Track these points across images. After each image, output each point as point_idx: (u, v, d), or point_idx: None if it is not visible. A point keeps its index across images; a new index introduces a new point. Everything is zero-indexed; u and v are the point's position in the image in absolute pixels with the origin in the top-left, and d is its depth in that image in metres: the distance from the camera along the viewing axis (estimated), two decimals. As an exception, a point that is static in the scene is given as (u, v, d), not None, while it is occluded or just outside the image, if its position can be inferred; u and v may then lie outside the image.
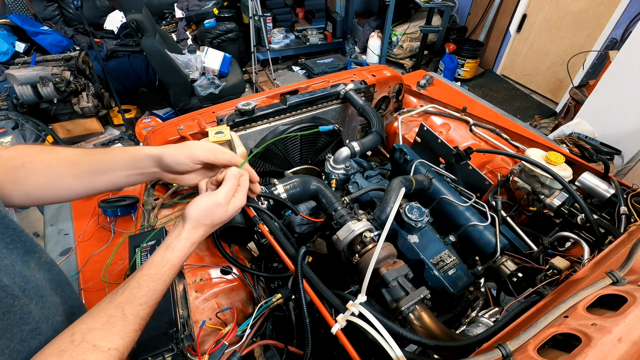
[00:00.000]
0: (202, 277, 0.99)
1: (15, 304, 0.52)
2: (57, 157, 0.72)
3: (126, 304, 0.59)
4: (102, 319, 0.57)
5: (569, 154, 1.33)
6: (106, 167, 0.75)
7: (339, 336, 0.71)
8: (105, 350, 0.54)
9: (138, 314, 0.59)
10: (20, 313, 0.53)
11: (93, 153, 0.75)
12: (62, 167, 0.72)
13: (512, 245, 1.18)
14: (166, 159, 0.76)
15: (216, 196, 0.73)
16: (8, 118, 2.86)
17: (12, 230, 0.58)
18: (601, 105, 2.93)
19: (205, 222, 0.72)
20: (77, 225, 1.20)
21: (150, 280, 0.63)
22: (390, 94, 1.84)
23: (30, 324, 0.55)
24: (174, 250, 0.67)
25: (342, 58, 4.82)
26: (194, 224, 0.71)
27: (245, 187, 0.80)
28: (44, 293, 0.60)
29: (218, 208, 0.73)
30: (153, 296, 0.62)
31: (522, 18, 4.39)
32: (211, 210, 0.72)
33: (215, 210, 0.73)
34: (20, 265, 0.57)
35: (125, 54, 3.84)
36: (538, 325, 0.61)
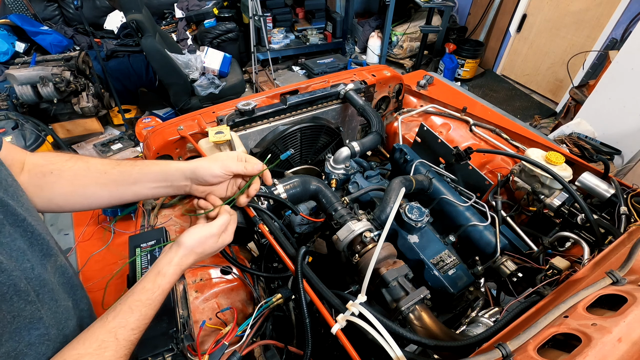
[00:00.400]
0: (202, 277, 0.99)
1: (26, 308, 0.53)
2: (86, 166, 0.75)
3: (119, 328, 0.60)
4: (94, 344, 0.57)
5: (569, 154, 1.33)
6: (135, 178, 0.78)
7: (339, 336, 0.71)
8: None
9: (129, 339, 0.60)
10: (30, 318, 0.54)
11: (122, 164, 0.78)
12: (90, 176, 0.75)
13: (512, 245, 1.18)
14: (200, 171, 0.80)
15: (210, 228, 0.76)
16: (8, 118, 2.86)
17: (31, 233, 0.58)
18: (601, 105, 2.93)
19: (197, 250, 0.75)
20: (77, 225, 1.20)
21: (142, 305, 0.64)
22: (390, 94, 1.84)
23: (40, 329, 0.55)
24: (165, 276, 0.69)
25: (342, 58, 4.82)
26: (186, 251, 0.73)
27: (233, 225, 0.83)
28: (58, 297, 0.61)
29: (211, 239, 0.76)
30: (144, 321, 0.64)
31: (522, 18, 4.39)
32: (204, 241, 0.76)
33: (208, 241, 0.76)
34: (39, 269, 0.58)
35: (125, 54, 3.84)
36: (538, 325, 0.61)
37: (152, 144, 1.34)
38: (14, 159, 0.68)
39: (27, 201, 0.62)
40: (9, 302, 0.51)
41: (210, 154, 1.26)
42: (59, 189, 0.72)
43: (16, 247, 0.55)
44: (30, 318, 0.54)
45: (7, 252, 0.53)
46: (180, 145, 1.37)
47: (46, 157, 0.73)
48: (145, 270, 0.88)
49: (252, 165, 0.85)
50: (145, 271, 0.86)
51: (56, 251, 0.65)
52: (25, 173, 0.70)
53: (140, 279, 0.69)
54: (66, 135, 3.37)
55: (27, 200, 0.63)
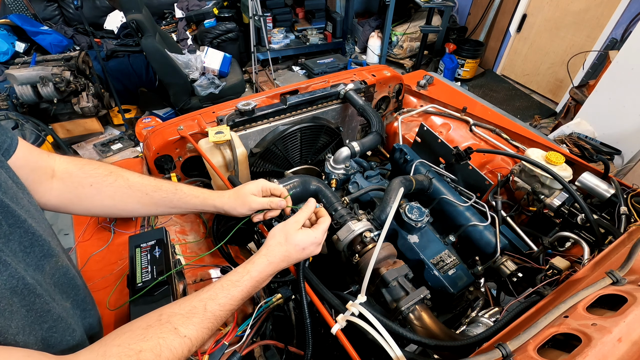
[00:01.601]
0: (202, 277, 0.99)
1: (36, 302, 0.55)
2: (127, 185, 0.80)
3: (209, 300, 0.64)
4: (186, 308, 0.61)
5: (569, 154, 1.33)
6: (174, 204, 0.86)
7: (339, 336, 0.71)
8: (182, 335, 0.57)
9: (214, 313, 0.63)
10: (40, 311, 0.56)
11: (163, 189, 0.84)
12: (132, 195, 0.80)
13: (512, 245, 1.18)
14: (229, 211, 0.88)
15: (316, 233, 0.78)
16: (8, 118, 2.86)
17: (32, 234, 0.59)
18: (601, 105, 2.93)
19: (296, 255, 0.76)
20: (77, 225, 1.19)
21: (231, 285, 0.68)
22: (390, 94, 1.84)
23: (49, 322, 0.57)
24: (254, 264, 0.72)
25: (342, 58, 4.81)
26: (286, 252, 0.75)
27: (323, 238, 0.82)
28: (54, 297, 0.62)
29: (312, 246, 0.78)
30: (231, 300, 0.66)
31: (522, 18, 4.39)
32: (307, 246, 0.77)
33: (310, 247, 0.77)
34: (32, 270, 0.59)
35: (125, 54, 3.84)
36: (538, 325, 0.61)
37: (152, 144, 1.34)
38: (39, 163, 0.70)
39: (28, 203, 0.62)
40: (20, 295, 0.53)
41: (211, 155, 1.26)
42: (99, 202, 0.78)
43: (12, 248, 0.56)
44: (40, 312, 0.56)
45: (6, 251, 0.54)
46: (180, 145, 1.37)
47: (83, 169, 0.76)
48: (145, 270, 0.88)
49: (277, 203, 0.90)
50: (145, 271, 0.86)
51: (58, 252, 0.65)
52: (58, 180, 0.73)
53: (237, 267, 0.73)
54: (66, 135, 3.37)
55: (29, 202, 0.63)
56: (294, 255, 0.75)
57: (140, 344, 0.52)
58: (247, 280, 0.69)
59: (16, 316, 0.51)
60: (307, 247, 0.76)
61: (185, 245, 1.17)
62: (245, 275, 0.70)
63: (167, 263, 0.88)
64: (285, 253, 0.74)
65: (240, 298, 0.68)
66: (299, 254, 0.76)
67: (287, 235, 0.76)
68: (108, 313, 0.95)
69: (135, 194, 0.81)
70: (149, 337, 0.54)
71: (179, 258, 1.00)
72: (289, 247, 0.75)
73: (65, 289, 0.66)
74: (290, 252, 0.75)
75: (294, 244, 0.75)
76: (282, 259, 0.74)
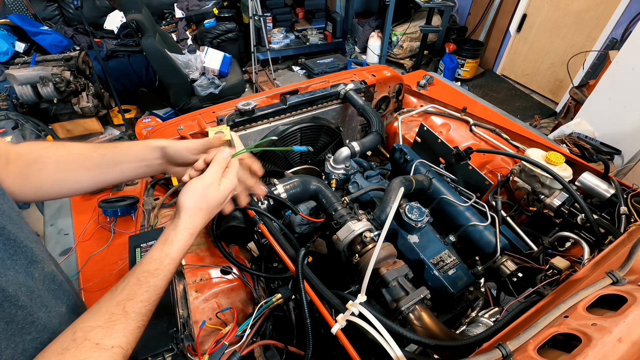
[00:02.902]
0: (202, 277, 0.99)
1: (18, 313, 0.52)
2: (68, 152, 0.74)
3: (127, 301, 0.58)
4: (103, 317, 0.56)
5: (569, 154, 1.33)
6: (117, 159, 0.79)
7: (339, 336, 0.71)
8: (109, 348, 0.53)
9: (140, 311, 0.58)
10: (22, 323, 0.53)
11: (103, 147, 0.78)
12: (74, 161, 0.75)
13: (512, 245, 1.18)
14: (168, 149, 0.81)
15: (204, 178, 0.71)
16: (8, 118, 2.86)
17: (13, 241, 0.57)
18: (601, 105, 2.93)
19: (201, 206, 0.70)
20: (77, 225, 1.19)
21: (151, 276, 0.62)
22: (390, 94, 1.84)
23: (32, 333, 0.54)
24: (173, 243, 0.66)
25: (342, 58, 4.82)
26: (190, 212, 0.69)
27: (234, 168, 0.77)
28: (48, 303, 0.60)
29: (209, 188, 0.71)
30: (154, 292, 0.61)
31: (522, 18, 4.39)
32: (203, 193, 0.70)
33: (207, 192, 0.70)
34: (23, 277, 0.56)
35: (125, 54, 3.84)
36: (538, 325, 0.61)
37: (152, 144, 1.34)
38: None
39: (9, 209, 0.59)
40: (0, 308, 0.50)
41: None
42: (45, 177, 0.72)
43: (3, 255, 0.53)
44: (22, 323, 0.53)
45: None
46: (180, 145, 1.37)
47: (28, 146, 0.72)
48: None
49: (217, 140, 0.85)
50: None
51: (42, 258, 0.63)
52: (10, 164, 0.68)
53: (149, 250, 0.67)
54: (66, 135, 3.37)
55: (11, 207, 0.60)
56: (203, 202, 0.69)
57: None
58: (168, 264, 0.64)
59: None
60: (204, 193, 0.70)
61: (185, 245, 1.17)
62: (164, 260, 0.64)
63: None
64: (188, 218, 0.68)
65: (165, 285, 0.63)
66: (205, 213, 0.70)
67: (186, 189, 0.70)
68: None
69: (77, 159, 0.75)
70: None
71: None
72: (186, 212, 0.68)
73: (57, 294, 0.64)
74: (194, 216, 0.69)
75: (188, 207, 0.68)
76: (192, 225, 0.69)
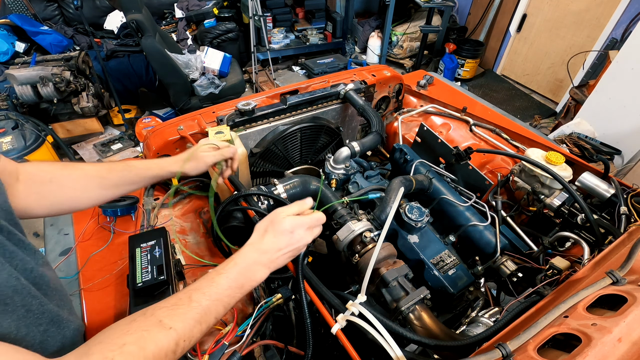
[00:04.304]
0: (202, 277, 0.99)
1: (33, 302, 0.56)
2: (83, 174, 0.82)
3: (193, 291, 0.63)
4: (172, 301, 0.61)
5: (569, 154, 1.33)
6: (135, 180, 0.90)
7: (339, 336, 0.71)
8: (167, 328, 0.56)
9: (201, 303, 0.61)
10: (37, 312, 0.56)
11: (115, 169, 0.87)
12: (91, 181, 0.82)
13: (512, 245, 1.18)
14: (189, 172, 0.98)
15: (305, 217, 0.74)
16: (8, 118, 2.86)
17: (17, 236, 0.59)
18: (601, 105, 2.93)
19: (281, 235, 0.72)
20: (77, 225, 1.19)
21: (216, 274, 0.66)
22: (390, 94, 1.84)
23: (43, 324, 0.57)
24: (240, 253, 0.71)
25: (342, 58, 4.81)
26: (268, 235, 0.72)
27: None
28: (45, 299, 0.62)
29: (302, 229, 0.74)
30: (216, 289, 0.64)
31: (522, 18, 4.39)
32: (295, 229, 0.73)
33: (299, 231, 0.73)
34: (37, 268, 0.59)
35: (125, 54, 3.84)
36: (538, 325, 0.61)
37: (152, 144, 1.34)
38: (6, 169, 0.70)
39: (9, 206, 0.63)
40: (20, 294, 0.53)
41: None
42: (63, 196, 0.78)
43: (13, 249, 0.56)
44: (37, 313, 0.56)
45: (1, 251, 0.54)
46: (180, 145, 1.37)
47: (39, 167, 0.77)
48: (145, 270, 0.88)
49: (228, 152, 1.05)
50: (145, 271, 0.86)
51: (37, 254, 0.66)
52: (21, 183, 0.73)
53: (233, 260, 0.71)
54: (66, 135, 3.37)
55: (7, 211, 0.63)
56: (282, 239, 0.71)
57: (123, 338, 0.52)
58: (232, 268, 0.68)
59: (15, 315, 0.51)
60: (296, 230, 0.72)
61: (185, 245, 1.17)
62: (230, 263, 0.68)
63: (167, 263, 0.88)
64: (273, 238, 0.71)
65: (227, 286, 0.66)
66: (289, 239, 0.72)
67: (273, 220, 0.73)
68: (108, 317, 0.95)
69: (93, 180, 0.82)
70: (132, 331, 0.53)
71: (179, 258, 1.00)
72: (275, 231, 0.71)
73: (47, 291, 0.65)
74: (278, 237, 0.71)
75: (280, 229, 0.71)
76: (270, 246, 0.71)
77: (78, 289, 1.01)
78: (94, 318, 0.95)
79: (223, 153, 1.04)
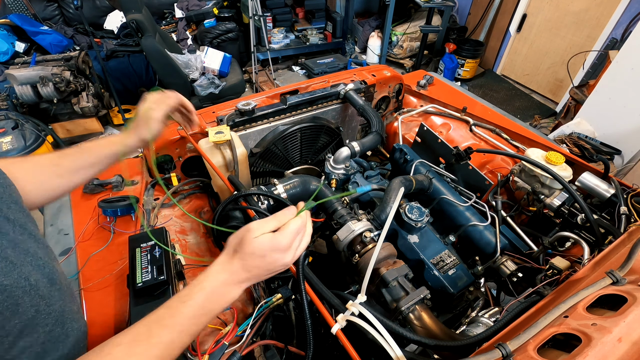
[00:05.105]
0: (202, 277, 0.99)
1: (41, 303, 0.55)
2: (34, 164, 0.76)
3: (154, 323, 0.56)
4: (130, 336, 0.54)
5: (569, 154, 1.33)
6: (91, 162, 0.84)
7: (339, 336, 0.71)
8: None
9: (161, 338, 0.54)
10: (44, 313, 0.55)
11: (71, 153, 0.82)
12: (45, 171, 0.76)
13: (512, 245, 1.18)
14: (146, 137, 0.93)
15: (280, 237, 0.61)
16: (8, 118, 2.86)
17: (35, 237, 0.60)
18: (601, 105, 2.93)
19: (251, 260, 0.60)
20: (77, 225, 1.19)
21: (179, 301, 0.57)
22: (390, 94, 1.84)
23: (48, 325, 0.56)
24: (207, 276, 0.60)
25: (342, 58, 4.81)
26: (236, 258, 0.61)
27: None
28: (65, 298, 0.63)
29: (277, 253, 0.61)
30: (180, 320, 0.56)
31: (522, 18, 4.39)
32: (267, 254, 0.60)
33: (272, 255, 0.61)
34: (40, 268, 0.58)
35: (125, 54, 3.84)
36: (538, 325, 0.61)
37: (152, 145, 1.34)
38: None
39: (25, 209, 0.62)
40: (30, 296, 0.52)
41: (211, 155, 1.26)
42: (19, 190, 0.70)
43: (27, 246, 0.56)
44: (43, 313, 0.55)
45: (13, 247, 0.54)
46: (180, 145, 1.37)
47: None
48: (145, 270, 0.88)
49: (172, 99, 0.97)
50: (145, 271, 0.86)
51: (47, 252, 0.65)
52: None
53: None
54: (66, 135, 3.37)
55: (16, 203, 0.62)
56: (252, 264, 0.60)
57: None
58: (198, 293, 0.58)
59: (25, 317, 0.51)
60: (268, 255, 0.60)
61: (185, 245, 1.17)
62: (195, 287, 0.58)
63: (167, 263, 0.88)
64: (241, 261, 0.60)
65: (192, 315, 0.57)
66: (259, 262, 0.60)
67: (242, 239, 0.60)
68: (107, 317, 0.95)
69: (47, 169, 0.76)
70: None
71: (179, 258, 1.00)
72: (243, 254, 0.60)
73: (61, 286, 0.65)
74: (247, 261, 0.60)
75: (248, 251, 0.59)
76: (240, 268, 0.60)
77: (78, 289, 1.01)
78: (94, 318, 0.95)
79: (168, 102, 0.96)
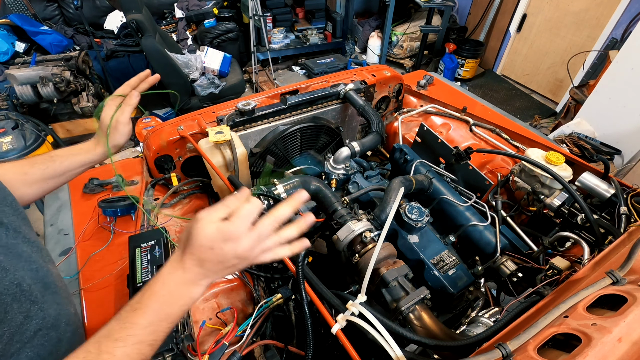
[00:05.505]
0: (202, 277, 0.99)
1: (32, 309, 0.54)
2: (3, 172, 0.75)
3: (104, 338, 0.51)
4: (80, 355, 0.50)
5: (569, 154, 1.33)
6: (61, 170, 0.83)
7: (339, 336, 0.71)
8: None
9: (114, 354, 0.49)
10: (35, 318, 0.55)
11: (40, 161, 0.81)
12: (13, 180, 0.75)
13: (512, 245, 1.18)
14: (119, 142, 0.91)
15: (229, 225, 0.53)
16: (8, 118, 2.86)
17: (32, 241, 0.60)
18: (601, 105, 2.93)
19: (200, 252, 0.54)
20: (77, 225, 1.19)
21: (130, 310, 0.53)
22: (390, 94, 1.84)
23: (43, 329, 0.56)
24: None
25: (342, 58, 4.81)
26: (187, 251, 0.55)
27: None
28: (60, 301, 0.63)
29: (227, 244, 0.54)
30: (132, 331, 0.51)
31: (522, 18, 4.39)
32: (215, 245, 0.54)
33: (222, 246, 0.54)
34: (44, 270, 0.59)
35: (125, 54, 3.84)
36: (538, 325, 0.61)
37: (152, 144, 1.34)
38: None
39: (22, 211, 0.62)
40: (19, 302, 0.51)
41: (211, 155, 1.26)
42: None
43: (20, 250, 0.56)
44: (35, 318, 0.54)
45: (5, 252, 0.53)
46: (180, 145, 1.37)
47: None
48: (145, 270, 0.88)
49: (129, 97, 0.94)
50: (145, 271, 0.86)
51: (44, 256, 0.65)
52: None
53: None
54: (66, 135, 3.37)
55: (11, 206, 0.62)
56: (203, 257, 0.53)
57: None
58: (149, 299, 0.53)
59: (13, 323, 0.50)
60: (217, 247, 0.52)
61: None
62: (146, 293, 0.53)
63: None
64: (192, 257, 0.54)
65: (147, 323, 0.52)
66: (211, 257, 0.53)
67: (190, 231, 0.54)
68: (107, 317, 0.95)
69: (15, 178, 0.74)
70: None
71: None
72: (192, 247, 0.53)
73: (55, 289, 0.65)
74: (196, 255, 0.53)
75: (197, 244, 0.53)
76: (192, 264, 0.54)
77: (78, 289, 1.01)
78: (94, 318, 0.95)
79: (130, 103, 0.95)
